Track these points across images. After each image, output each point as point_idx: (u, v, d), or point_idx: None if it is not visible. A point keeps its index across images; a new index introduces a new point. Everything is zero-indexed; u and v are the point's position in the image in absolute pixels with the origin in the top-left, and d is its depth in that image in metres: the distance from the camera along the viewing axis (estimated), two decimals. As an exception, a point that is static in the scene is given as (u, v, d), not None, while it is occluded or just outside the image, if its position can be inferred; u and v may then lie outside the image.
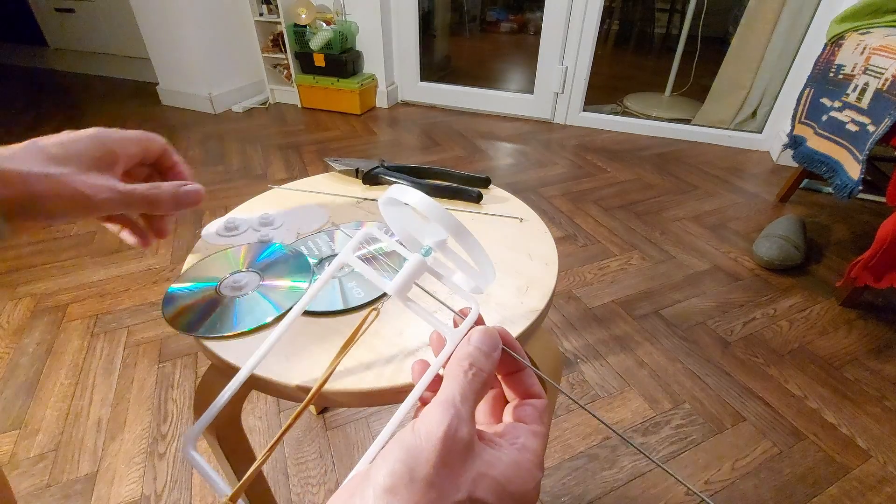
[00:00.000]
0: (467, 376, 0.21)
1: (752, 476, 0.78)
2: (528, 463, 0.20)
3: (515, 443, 0.21)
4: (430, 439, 0.18)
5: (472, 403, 0.20)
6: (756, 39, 1.89)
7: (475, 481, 0.18)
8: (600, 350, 1.01)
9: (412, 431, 0.19)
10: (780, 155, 1.84)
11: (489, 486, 0.18)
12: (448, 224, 0.24)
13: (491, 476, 0.19)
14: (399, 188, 0.25)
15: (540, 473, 0.21)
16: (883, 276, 1.02)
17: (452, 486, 0.18)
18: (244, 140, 2.03)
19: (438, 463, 0.18)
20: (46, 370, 0.96)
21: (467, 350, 0.22)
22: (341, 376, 0.34)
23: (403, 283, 0.25)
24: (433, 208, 0.24)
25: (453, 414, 0.19)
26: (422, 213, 0.25)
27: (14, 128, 2.13)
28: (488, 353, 0.22)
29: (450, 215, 0.24)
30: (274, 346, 0.27)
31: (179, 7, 2.05)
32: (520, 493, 0.19)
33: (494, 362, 0.22)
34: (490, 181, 0.59)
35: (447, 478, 0.18)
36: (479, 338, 0.22)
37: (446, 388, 0.20)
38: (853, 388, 0.93)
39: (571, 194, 1.62)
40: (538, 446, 0.21)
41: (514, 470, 0.20)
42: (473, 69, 3.03)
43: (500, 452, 0.20)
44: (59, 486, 0.76)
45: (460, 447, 0.18)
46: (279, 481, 0.77)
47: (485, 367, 0.21)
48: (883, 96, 1.03)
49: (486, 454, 0.19)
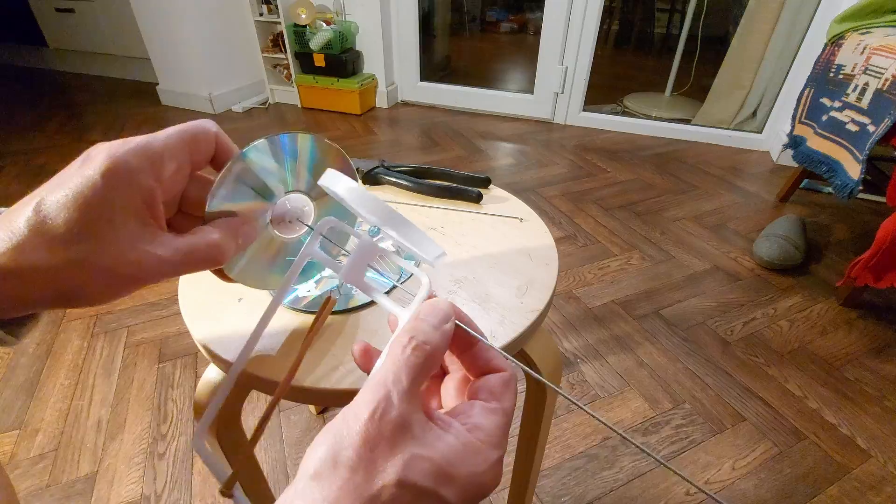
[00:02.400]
0: (405, 352, 0.19)
1: (752, 476, 0.78)
2: (479, 443, 0.19)
3: (467, 422, 0.20)
4: (355, 421, 0.17)
5: (412, 381, 0.19)
6: (756, 39, 1.89)
7: (407, 464, 0.17)
8: (600, 350, 1.01)
9: (341, 416, 0.18)
10: (780, 155, 1.84)
11: (426, 470, 0.17)
12: (375, 211, 0.23)
13: (428, 457, 0.17)
14: (330, 175, 0.24)
15: (494, 453, 0.19)
16: (883, 275, 1.02)
17: (378, 470, 0.17)
18: (244, 140, 2.02)
19: (362, 446, 0.17)
20: (46, 370, 0.96)
21: (410, 324, 0.20)
22: (339, 375, 0.34)
23: (351, 265, 0.25)
24: (359, 196, 0.23)
25: (382, 395, 0.18)
26: (349, 205, 0.24)
27: (14, 128, 2.13)
28: (437, 326, 0.20)
29: (376, 201, 0.23)
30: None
31: (179, 7, 2.05)
32: (466, 476, 0.18)
33: (444, 335, 0.20)
34: (490, 181, 0.59)
35: (372, 461, 0.17)
36: (424, 311, 0.21)
37: (381, 367, 0.19)
38: (853, 388, 0.93)
39: (571, 194, 1.62)
40: (493, 424, 0.20)
41: (460, 451, 0.18)
42: (473, 69, 3.03)
43: (446, 433, 0.19)
44: (59, 486, 0.76)
45: (389, 429, 0.17)
46: (279, 481, 0.77)
47: (430, 340, 0.20)
48: (883, 96, 1.03)
49: (428, 436, 0.18)
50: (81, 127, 2.14)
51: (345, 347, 0.36)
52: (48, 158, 1.84)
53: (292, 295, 0.40)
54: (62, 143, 1.97)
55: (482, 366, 0.22)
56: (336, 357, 0.35)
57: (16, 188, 1.64)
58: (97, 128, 2.14)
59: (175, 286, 1.16)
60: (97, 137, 2.03)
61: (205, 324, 0.38)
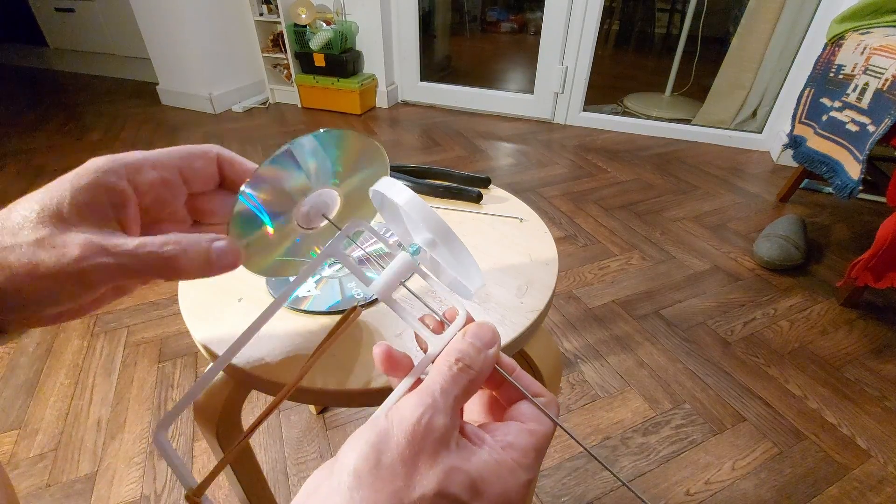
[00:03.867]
0: (452, 370, 0.20)
1: (752, 476, 0.78)
2: (512, 462, 0.19)
3: (502, 441, 0.20)
4: (401, 425, 0.17)
5: (455, 398, 0.19)
6: (756, 39, 1.89)
7: (447, 475, 0.17)
8: (600, 350, 1.01)
9: (385, 416, 0.18)
10: (781, 155, 1.83)
11: (462, 482, 0.17)
12: (433, 226, 0.22)
13: (465, 471, 0.17)
14: (388, 182, 0.24)
15: (525, 475, 0.19)
16: (883, 276, 1.02)
17: (420, 477, 0.17)
18: (244, 140, 2.03)
19: (406, 450, 0.17)
20: (46, 370, 0.96)
21: (458, 346, 0.21)
22: (341, 377, 0.34)
23: (387, 283, 0.24)
24: (420, 208, 0.22)
25: (429, 403, 0.18)
26: (408, 213, 0.23)
27: (14, 128, 2.13)
28: (480, 349, 0.21)
29: (436, 217, 0.22)
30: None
31: (179, 7, 2.05)
32: (498, 494, 0.18)
33: (488, 359, 0.21)
34: (490, 181, 0.59)
35: (414, 467, 0.17)
36: (472, 332, 0.21)
37: (429, 379, 0.20)
38: (853, 388, 0.93)
39: (571, 194, 1.62)
40: (528, 445, 0.20)
41: (493, 468, 0.18)
42: (473, 69, 3.03)
43: (481, 450, 0.19)
44: (59, 485, 0.76)
45: (433, 438, 0.17)
46: (279, 481, 0.77)
47: (475, 363, 0.20)
48: (883, 96, 1.03)
49: (464, 450, 0.18)
50: (81, 127, 2.14)
51: (345, 348, 0.36)
52: (48, 158, 1.84)
53: (292, 295, 0.40)
54: (62, 143, 1.97)
55: (516, 395, 0.22)
56: (337, 357, 0.35)
57: (16, 188, 1.64)
58: (97, 128, 2.14)
59: (175, 286, 1.16)
60: (97, 137, 2.03)
61: (205, 324, 0.38)
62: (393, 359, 0.22)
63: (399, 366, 0.22)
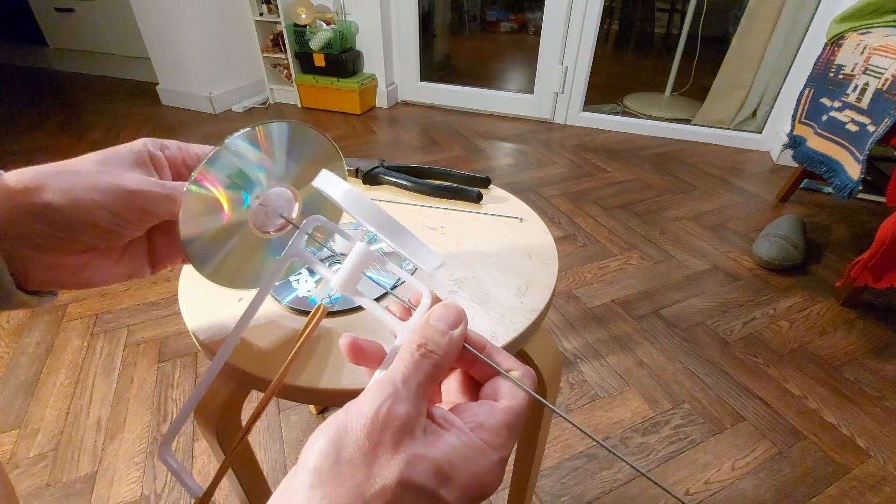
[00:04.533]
0: (414, 356, 0.19)
1: (751, 476, 0.79)
2: (481, 444, 0.18)
3: (471, 421, 0.19)
4: (359, 417, 0.17)
5: (419, 384, 0.19)
6: (756, 39, 1.89)
7: (409, 463, 0.17)
8: (600, 350, 1.01)
9: (345, 411, 0.18)
10: (780, 155, 1.84)
11: (426, 470, 0.17)
12: (372, 219, 0.22)
13: (430, 457, 0.17)
14: (325, 176, 0.23)
15: (497, 454, 0.19)
16: (883, 276, 1.02)
17: (380, 468, 0.16)
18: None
19: (366, 442, 0.17)
20: (46, 370, 0.96)
21: (420, 330, 0.20)
22: (340, 375, 0.34)
23: (347, 276, 0.23)
24: (356, 204, 0.22)
25: (389, 392, 0.18)
26: (346, 210, 0.22)
27: (14, 128, 2.13)
28: (444, 332, 0.20)
29: (374, 208, 0.22)
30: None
31: (179, 7, 2.05)
32: (467, 477, 0.17)
33: (453, 341, 0.20)
34: (490, 181, 0.59)
35: (374, 458, 0.16)
36: (436, 315, 0.21)
37: (391, 367, 0.19)
38: (853, 388, 0.93)
39: (571, 194, 1.62)
40: (500, 422, 0.19)
41: (461, 451, 0.18)
42: (473, 69, 3.03)
43: (448, 433, 0.18)
44: (59, 485, 0.76)
45: (394, 427, 0.17)
46: (279, 481, 0.77)
47: (439, 347, 0.20)
48: (883, 96, 1.03)
49: (430, 436, 0.18)
50: (81, 127, 2.14)
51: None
52: (48, 158, 1.81)
53: (292, 295, 0.40)
54: (62, 143, 1.97)
55: (490, 372, 0.22)
56: (337, 357, 0.35)
57: (16, 188, 1.64)
58: (97, 127, 2.14)
59: (175, 286, 1.17)
60: (97, 137, 2.03)
61: (205, 324, 0.38)
62: (360, 349, 0.22)
63: (368, 356, 0.22)
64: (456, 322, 0.21)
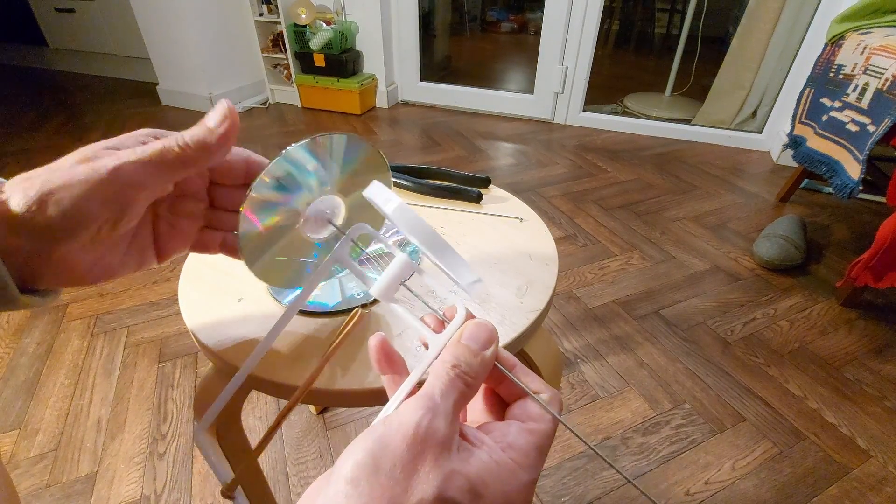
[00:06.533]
0: (449, 375, 0.19)
1: (752, 476, 0.78)
2: (512, 463, 0.19)
3: (502, 441, 0.19)
4: (400, 430, 0.17)
5: (454, 402, 0.19)
6: (756, 39, 1.89)
7: (447, 479, 0.17)
8: (600, 350, 1.01)
9: (383, 422, 0.18)
10: (781, 155, 1.84)
11: (462, 486, 0.17)
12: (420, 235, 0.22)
13: (464, 475, 0.17)
14: (377, 188, 0.24)
15: (526, 475, 0.19)
16: (883, 276, 1.02)
17: (420, 483, 0.16)
18: (244, 140, 2.03)
19: (406, 456, 0.17)
20: (46, 370, 0.96)
21: (454, 350, 0.20)
22: (341, 376, 0.34)
23: (387, 284, 0.24)
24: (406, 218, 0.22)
25: (429, 407, 0.18)
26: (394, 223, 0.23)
27: (14, 128, 2.13)
28: (476, 352, 0.20)
29: (422, 225, 0.22)
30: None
31: (179, 7, 2.05)
32: (498, 496, 0.18)
33: (485, 361, 0.20)
34: (490, 181, 0.59)
35: (413, 472, 0.17)
36: (468, 334, 0.21)
37: (427, 383, 0.19)
38: (853, 388, 0.93)
39: (571, 194, 1.62)
40: (529, 444, 0.19)
41: (493, 470, 0.18)
42: (473, 69, 3.03)
43: (480, 451, 0.19)
44: (59, 486, 0.76)
45: (433, 442, 0.17)
46: (279, 481, 0.77)
47: (472, 368, 0.20)
48: (883, 96, 1.03)
49: (463, 453, 0.18)
50: (81, 127, 2.14)
51: (348, 348, 0.36)
52: (48, 158, 1.81)
53: (292, 295, 0.40)
54: (62, 143, 1.97)
55: (517, 392, 0.22)
56: (340, 358, 0.35)
57: (16, 188, 1.64)
58: (97, 128, 2.14)
59: (175, 286, 1.17)
60: (97, 137, 2.02)
61: (205, 324, 0.38)
62: (388, 352, 0.22)
63: (392, 360, 0.23)
64: (488, 342, 0.21)
